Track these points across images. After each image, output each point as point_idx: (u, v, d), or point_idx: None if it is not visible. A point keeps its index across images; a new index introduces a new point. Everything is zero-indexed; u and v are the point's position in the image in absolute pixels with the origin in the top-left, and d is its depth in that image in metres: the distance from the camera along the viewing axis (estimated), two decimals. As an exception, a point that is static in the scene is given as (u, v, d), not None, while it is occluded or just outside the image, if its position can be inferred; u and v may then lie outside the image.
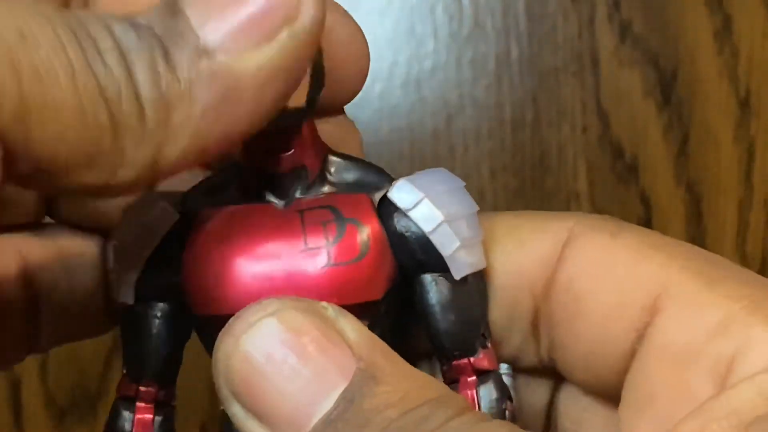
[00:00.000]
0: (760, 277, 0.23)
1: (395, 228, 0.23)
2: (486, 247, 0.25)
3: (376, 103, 0.52)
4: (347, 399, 0.20)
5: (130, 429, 0.24)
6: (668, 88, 0.52)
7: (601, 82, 0.52)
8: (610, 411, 0.25)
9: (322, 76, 0.23)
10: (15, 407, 0.52)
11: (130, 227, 0.24)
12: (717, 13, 0.51)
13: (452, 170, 0.54)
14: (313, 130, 0.23)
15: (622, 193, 0.52)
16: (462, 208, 0.24)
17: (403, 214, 0.23)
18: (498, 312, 0.26)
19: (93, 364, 0.52)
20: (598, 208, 0.52)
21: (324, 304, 0.21)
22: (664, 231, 0.53)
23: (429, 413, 0.19)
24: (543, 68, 0.52)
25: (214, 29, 0.20)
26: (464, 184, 0.24)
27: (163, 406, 0.24)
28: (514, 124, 0.52)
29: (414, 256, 0.23)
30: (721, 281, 0.23)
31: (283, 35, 0.20)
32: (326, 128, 0.25)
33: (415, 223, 0.23)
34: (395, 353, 0.21)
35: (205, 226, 0.23)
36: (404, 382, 0.20)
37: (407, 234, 0.23)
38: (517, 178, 0.52)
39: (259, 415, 0.20)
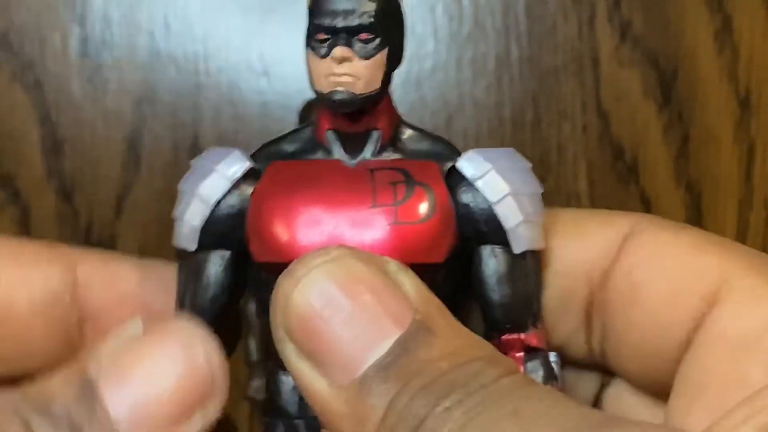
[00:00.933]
0: None
1: (461, 197, 0.24)
2: (547, 235, 0.25)
3: (377, 102, 0.52)
4: (401, 347, 0.20)
5: None
6: (668, 88, 0.52)
7: (601, 81, 0.52)
8: (657, 410, 0.25)
9: (399, 57, 0.23)
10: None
11: (200, 172, 0.24)
12: (717, 13, 0.52)
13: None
14: (389, 98, 0.24)
15: (622, 192, 0.52)
16: (527, 186, 0.24)
17: (470, 184, 0.24)
18: (552, 297, 0.26)
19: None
20: (598, 207, 0.52)
21: (386, 258, 0.21)
22: (665, 231, 0.53)
23: (480, 369, 0.20)
24: (543, 68, 0.52)
25: (129, 413, 0.20)
26: (531, 165, 0.24)
27: None
28: (514, 123, 0.52)
29: (476, 226, 0.24)
30: None
31: (197, 417, 0.21)
32: None
33: (481, 194, 0.24)
34: (449, 312, 0.21)
35: (276, 177, 0.24)
36: (457, 338, 0.20)
37: (472, 204, 0.24)
38: (517, 178, 0.52)
39: (312, 357, 0.21)
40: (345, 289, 0.20)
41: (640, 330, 0.24)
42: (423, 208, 0.23)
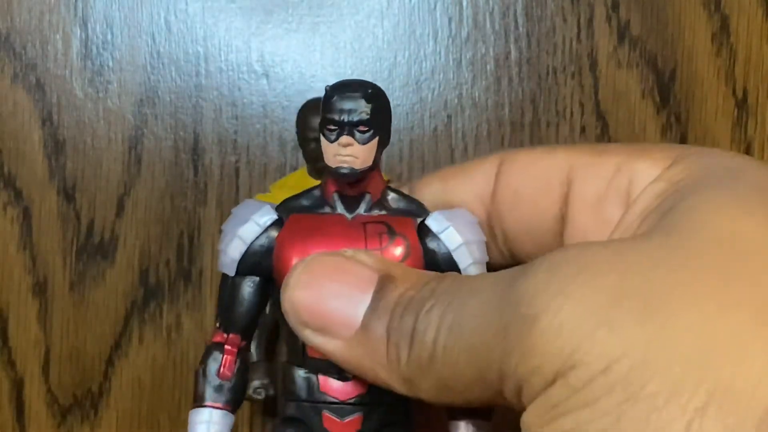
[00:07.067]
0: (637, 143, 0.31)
1: (428, 245, 0.33)
2: (445, 187, 0.35)
3: (376, 103, 0.52)
4: (378, 294, 0.28)
5: (218, 365, 0.33)
6: (666, 89, 0.52)
7: (599, 82, 0.52)
8: None
9: (387, 139, 0.32)
10: (17, 406, 0.52)
11: (239, 218, 0.33)
12: (715, 14, 0.52)
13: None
14: (378, 170, 0.32)
15: (620, 193, 0.52)
16: (475, 237, 0.33)
17: (435, 236, 0.33)
18: None
19: (95, 364, 0.52)
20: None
21: (343, 249, 0.30)
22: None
23: (434, 285, 0.28)
24: (542, 69, 0.52)
25: None
26: (478, 220, 0.33)
27: (242, 352, 0.33)
28: (513, 124, 0.52)
29: (439, 266, 0.32)
30: (608, 149, 0.32)
31: None
32: None
33: (443, 243, 0.33)
34: (402, 263, 0.30)
35: (295, 226, 0.33)
36: (412, 275, 0.29)
37: (436, 250, 0.33)
38: (516, 179, 0.52)
39: (324, 330, 0.28)
40: (323, 275, 0.29)
41: (527, 220, 0.33)
42: (400, 251, 0.32)
